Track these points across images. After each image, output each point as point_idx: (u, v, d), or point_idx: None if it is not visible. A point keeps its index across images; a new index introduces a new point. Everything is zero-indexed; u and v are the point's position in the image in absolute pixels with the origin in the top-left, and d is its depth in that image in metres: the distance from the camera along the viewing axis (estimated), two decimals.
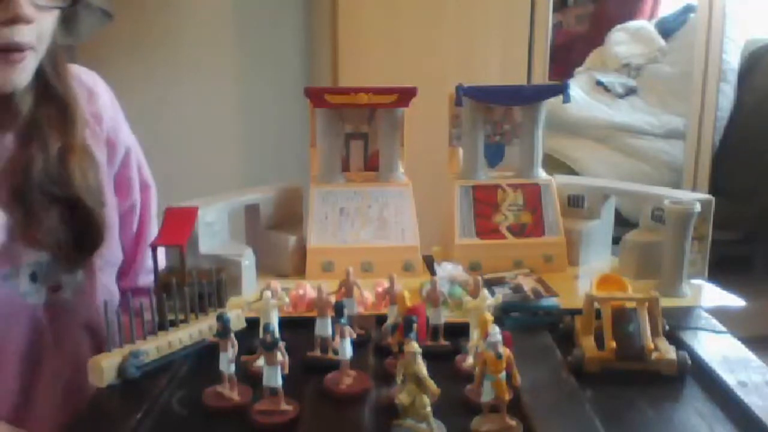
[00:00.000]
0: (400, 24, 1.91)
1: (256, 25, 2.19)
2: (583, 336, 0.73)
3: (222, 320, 0.65)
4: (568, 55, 2.81)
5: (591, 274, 0.91)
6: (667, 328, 0.76)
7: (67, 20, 0.78)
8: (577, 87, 2.61)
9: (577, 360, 0.70)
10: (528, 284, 0.89)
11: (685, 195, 0.96)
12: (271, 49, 2.19)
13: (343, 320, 0.66)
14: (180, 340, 0.74)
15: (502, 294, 0.81)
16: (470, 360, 0.69)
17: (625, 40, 2.78)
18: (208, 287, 0.78)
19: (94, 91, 0.91)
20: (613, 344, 0.69)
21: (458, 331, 0.75)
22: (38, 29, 0.69)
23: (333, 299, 0.72)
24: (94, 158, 0.85)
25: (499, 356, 0.58)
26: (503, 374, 0.58)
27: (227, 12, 2.18)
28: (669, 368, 0.69)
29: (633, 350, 0.69)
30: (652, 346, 0.69)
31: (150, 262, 0.78)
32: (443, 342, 0.75)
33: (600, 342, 0.71)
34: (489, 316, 0.66)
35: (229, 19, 2.17)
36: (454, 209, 1.00)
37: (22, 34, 0.67)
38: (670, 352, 0.70)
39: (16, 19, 0.65)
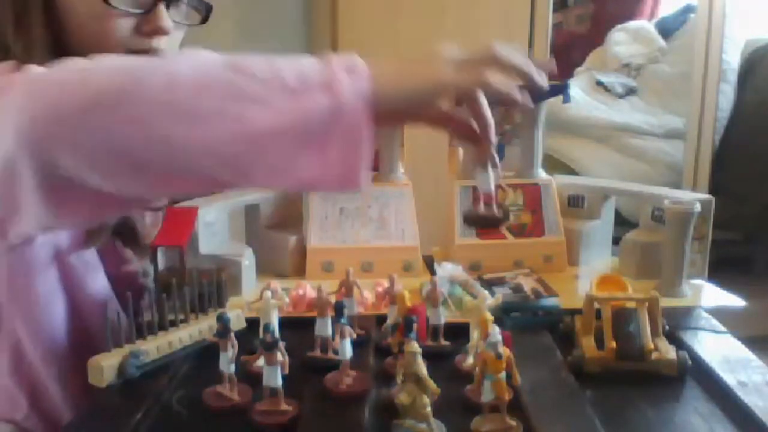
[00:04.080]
0: (400, 24, 1.91)
1: (256, 25, 2.19)
2: (583, 336, 0.73)
3: (222, 320, 0.65)
4: (568, 55, 2.82)
5: (591, 274, 0.91)
6: (667, 328, 0.76)
7: None
8: (577, 87, 2.62)
9: (577, 360, 0.70)
10: (528, 284, 0.89)
11: (685, 195, 0.96)
12: (271, 49, 2.19)
13: (343, 320, 0.66)
14: (180, 340, 0.74)
15: (502, 294, 0.81)
16: (470, 360, 0.69)
17: (625, 40, 2.78)
18: (208, 287, 0.78)
19: None
20: (613, 344, 0.69)
21: (458, 331, 0.75)
22: (171, 42, 0.77)
23: (333, 299, 0.72)
24: None
25: (499, 356, 0.58)
26: (503, 374, 0.58)
27: (227, 12, 2.18)
28: (669, 368, 0.69)
29: (633, 350, 0.69)
30: (652, 346, 0.69)
31: None
32: (443, 342, 0.75)
33: (600, 342, 0.71)
34: (489, 316, 0.66)
35: (228, 19, 2.17)
36: (454, 209, 1.00)
37: (160, 43, 0.75)
38: (670, 352, 0.70)
39: (158, 31, 0.74)
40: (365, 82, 0.50)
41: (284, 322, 0.73)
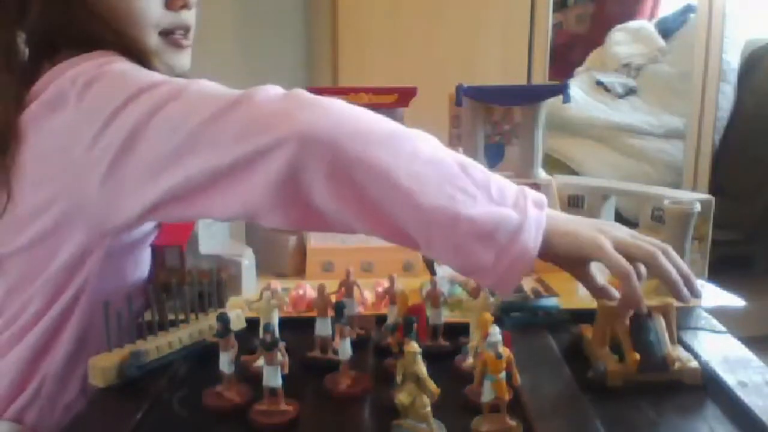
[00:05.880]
0: (400, 24, 1.91)
1: (256, 25, 2.19)
2: (598, 348, 0.69)
3: (222, 320, 0.65)
4: (568, 55, 2.81)
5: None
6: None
7: None
8: (577, 87, 2.61)
9: (599, 375, 0.67)
10: (528, 284, 0.89)
11: (685, 195, 0.96)
12: (271, 49, 2.19)
13: (343, 320, 0.66)
14: (180, 340, 0.74)
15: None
16: (470, 360, 0.69)
17: (625, 40, 2.78)
18: (208, 287, 0.78)
19: None
20: (636, 356, 0.65)
21: (458, 331, 0.75)
22: (193, 16, 0.82)
23: (333, 299, 0.72)
24: None
25: (499, 356, 0.58)
26: (503, 374, 0.58)
27: (227, 12, 2.18)
28: (693, 378, 0.66)
29: (655, 361, 0.66)
30: (673, 355, 0.67)
31: None
32: (443, 342, 0.75)
33: (615, 352, 0.68)
34: (489, 316, 0.66)
35: (229, 20, 2.17)
36: None
37: (188, 16, 0.81)
38: (692, 361, 0.67)
39: (187, 5, 0.80)
40: (545, 219, 0.60)
41: (284, 322, 0.73)
